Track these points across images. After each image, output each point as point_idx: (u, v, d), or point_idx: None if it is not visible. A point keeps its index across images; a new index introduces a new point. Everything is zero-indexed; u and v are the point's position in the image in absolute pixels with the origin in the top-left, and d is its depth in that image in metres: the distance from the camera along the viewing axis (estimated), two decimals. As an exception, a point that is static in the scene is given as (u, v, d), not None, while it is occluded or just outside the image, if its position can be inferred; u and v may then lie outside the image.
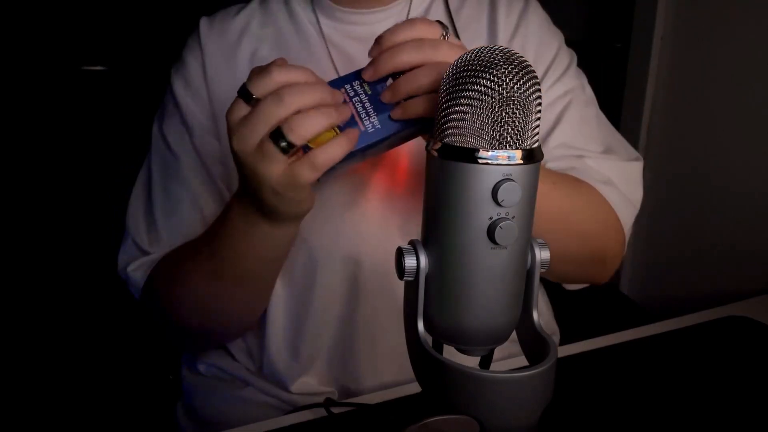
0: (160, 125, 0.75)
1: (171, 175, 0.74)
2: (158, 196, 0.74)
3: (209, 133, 0.73)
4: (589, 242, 0.72)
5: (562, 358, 0.73)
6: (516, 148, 0.38)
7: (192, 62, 0.74)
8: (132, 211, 0.76)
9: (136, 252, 0.74)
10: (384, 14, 0.73)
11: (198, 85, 0.73)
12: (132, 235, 0.75)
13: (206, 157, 0.73)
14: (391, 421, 0.40)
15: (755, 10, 1.12)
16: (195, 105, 0.73)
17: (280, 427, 0.63)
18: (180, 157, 0.73)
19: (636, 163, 0.78)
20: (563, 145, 0.74)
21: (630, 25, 1.39)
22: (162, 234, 0.73)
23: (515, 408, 0.39)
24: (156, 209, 0.74)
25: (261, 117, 0.48)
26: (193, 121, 0.73)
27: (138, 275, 0.73)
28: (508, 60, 0.38)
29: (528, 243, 0.41)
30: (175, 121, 0.74)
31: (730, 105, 1.19)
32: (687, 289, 1.29)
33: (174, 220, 0.73)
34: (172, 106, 0.75)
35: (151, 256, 0.73)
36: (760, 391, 0.69)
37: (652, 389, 0.69)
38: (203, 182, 0.73)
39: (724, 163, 1.20)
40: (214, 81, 0.73)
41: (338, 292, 0.71)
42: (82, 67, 2.15)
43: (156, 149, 0.76)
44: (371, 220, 0.69)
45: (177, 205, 0.73)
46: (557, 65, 0.76)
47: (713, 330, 0.82)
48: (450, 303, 0.40)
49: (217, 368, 0.80)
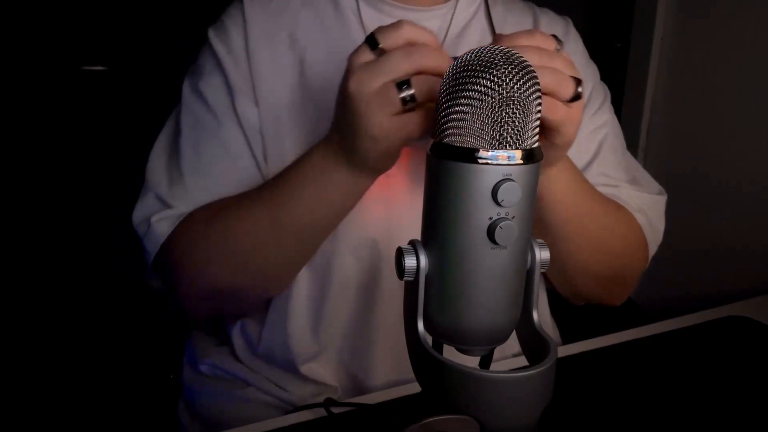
0: (195, 84, 0.74)
1: (206, 133, 0.72)
2: (188, 152, 0.72)
3: (251, 101, 0.72)
4: (618, 260, 0.75)
5: (562, 358, 0.73)
6: (516, 148, 0.38)
7: (233, 31, 0.73)
8: (154, 166, 0.74)
9: (159, 205, 0.71)
10: (429, 14, 0.73)
11: (239, 54, 0.72)
12: (154, 189, 0.72)
13: (245, 122, 0.71)
14: (391, 421, 0.40)
15: (755, 10, 1.12)
16: (237, 70, 0.72)
17: (280, 427, 0.63)
18: (219, 117, 0.72)
19: (661, 198, 0.82)
20: (603, 174, 0.77)
21: (630, 25, 1.39)
22: (190, 191, 0.71)
23: (515, 408, 0.39)
24: (184, 166, 0.71)
25: (388, 65, 0.49)
26: (236, 84, 0.72)
27: (163, 226, 0.70)
28: (508, 60, 0.38)
29: (528, 243, 0.41)
30: (216, 81, 0.73)
31: (729, 105, 1.19)
32: (687, 289, 1.29)
33: (206, 179, 0.71)
34: (213, 65, 0.73)
35: (178, 210, 0.70)
36: (760, 391, 0.69)
37: (652, 389, 0.69)
38: (243, 145, 0.72)
39: (724, 163, 1.20)
40: (254, 54, 0.72)
41: (356, 279, 0.72)
42: (82, 67, 2.15)
43: (188, 108, 0.74)
44: (396, 208, 0.70)
45: (210, 163, 0.71)
46: (596, 95, 0.80)
47: (713, 330, 0.82)
48: (450, 303, 0.40)
49: (218, 368, 0.80)
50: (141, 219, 0.72)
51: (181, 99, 0.75)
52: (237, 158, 0.72)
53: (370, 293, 0.73)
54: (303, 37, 0.73)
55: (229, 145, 0.71)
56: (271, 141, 0.71)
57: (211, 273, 0.69)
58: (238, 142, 0.72)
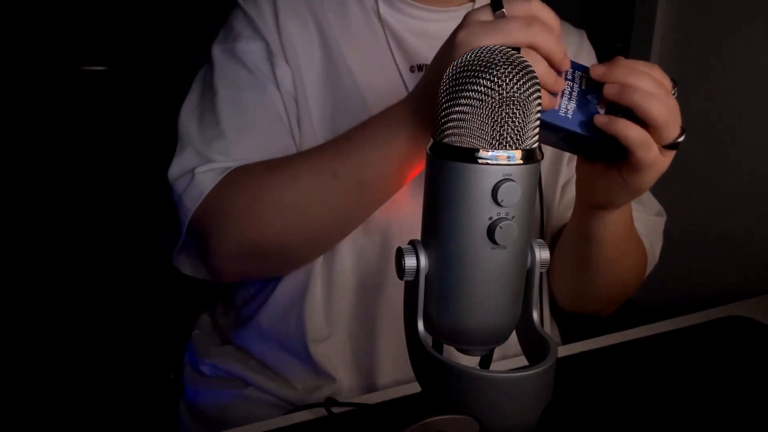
0: (231, 48, 0.73)
1: (247, 94, 0.72)
2: (228, 111, 0.71)
3: (287, 66, 0.72)
4: (624, 287, 0.77)
5: (562, 358, 0.73)
6: (516, 148, 0.38)
7: (265, 8, 0.73)
8: (189, 125, 0.72)
9: (201, 160, 0.69)
10: (445, 15, 0.73)
11: (271, 24, 0.73)
12: (193, 145, 0.70)
13: (282, 87, 0.72)
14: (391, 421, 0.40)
15: (755, 11, 1.12)
16: (273, 37, 0.73)
17: (280, 426, 0.63)
18: (261, 80, 0.72)
19: (660, 219, 0.82)
20: None
21: (630, 25, 1.40)
22: (233, 148, 0.69)
23: (515, 408, 0.39)
24: (225, 123, 0.70)
25: (503, 30, 0.49)
26: (275, 50, 0.72)
27: (208, 178, 0.67)
28: (508, 60, 0.38)
29: (528, 243, 0.41)
30: (256, 46, 0.73)
31: (729, 105, 1.19)
32: (687, 289, 1.29)
33: (249, 137, 0.70)
34: (250, 31, 0.73)
35: (224, 164, 0.68)
36: (760, 391, 0.69)
37: (652, 389, 0.69)
38: (282, 108, 0.72)
39: (724, 164, 1.20)
40: (285, 27, 0.72)
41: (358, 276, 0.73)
42: (82, 67, 2.15)
43: (223, 71, 0.73)
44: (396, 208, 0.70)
45: (253, 123, 0.71)
46: None
47: (713, 330, 0.82)
48: (450, 303, 0.40)
49: (219, 368, 0.80)
50: (181, 172, 0.69)
51: (212, 63, 0.74)
52: (277, 120, 0.72)
53: (373, 289, 0.73)
54: (327, 22, 0.73)
55: (272, 106, 0.72)
56: (303, 109, 0.72)
57: (263, 225, 0.66)
58: (279, 104, 0.72)
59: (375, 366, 0.75)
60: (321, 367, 0.75)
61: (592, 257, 0.69)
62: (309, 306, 0.74)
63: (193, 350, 0.85)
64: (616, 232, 0.66)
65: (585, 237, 0.67)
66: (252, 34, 0.73)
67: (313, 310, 0.74)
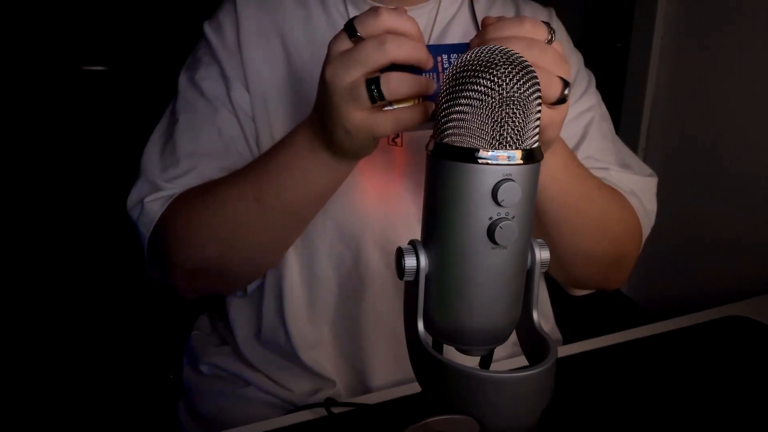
0: (192, 75, 0.76)
1: (201, 120, 0.74)
2: (183, 138, 0.73)
3: (243, 88, 0.74)
4: (616, 244, 0.74)
5: (562, 358, 0.73)
6: (516, 148, 0.38)
7: (227, 25, 0.75)
8: (149, 154, 0.75)
9: (152, 189, 0.72)
10: (414, 12, 0.73)
11: (233, 48, 0.74)
12: (148, 175, 0.73)
13: (239, 109, 0.73)
14: (391, 421, 0.40)
15: (755, 11, 1.12)
16: (231, 61, 0.74)
17: (280, 427, 0.63)
18: (215, 105, 0.74)
19: (652, 179, 0.81)
20: (590, 158, 0.77)
21: (630, 25, 1.39)
22: (183, 174, 0.72)
23: (515, 408, 0.39)
24: (179, 151, 0.73)
25: (359, 57, 0.49)
26: (230, 74, 0.74)
27: (155, 206, 0.71)
28: (508, 60, 0.38)
29: (528, 243, 0.41)
30: (213, 71, 0.75)
31: (730, 105, 1.19)
32: (687, 289, 1.29)
33: (199, 162, 0.72)
34: (209, 57, 0.75)
35: (169, 191, 0.71)
36: (760, 391, 0.69)
37: (652, 389, 0.69)
38: (237, 131, 0.74)
39: (724, 163, 1.20)
40: (246, 47, 0.74)
41: (354, 276, 0.73)
42: (82, 67, 2.15)
43: (184, 98, 0.76)
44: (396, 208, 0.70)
45: (205, 148, 0.73)
46: (580, 81, 0.80)
47: (713, 330, 0.82)
48: (450, 303, 0.40)
49: (218, 368, 0.80)
50: (134, 202, 0.73)
51: (178, 91, 0.76)
52: (230, 143, 0.73)
53: (354, 294, 0.73)
54: (292, 35, 0.74)
55: (224, 130, 0.73)
56: (262, 127, 0.73)
57: (200, 247, 0.69)
58: (233, 127, 0.73)
59: (366, 369, 0.75)
60: (317, 371, 0.75)
61: (547, 205, 0.66)
62: (292, 315, 0.75)
63: (192, 351, 0.85)
64: (559, 173, 0.63)
65: None
66: (210, 60, 0.75)
67: (297, 319, 0.75)
